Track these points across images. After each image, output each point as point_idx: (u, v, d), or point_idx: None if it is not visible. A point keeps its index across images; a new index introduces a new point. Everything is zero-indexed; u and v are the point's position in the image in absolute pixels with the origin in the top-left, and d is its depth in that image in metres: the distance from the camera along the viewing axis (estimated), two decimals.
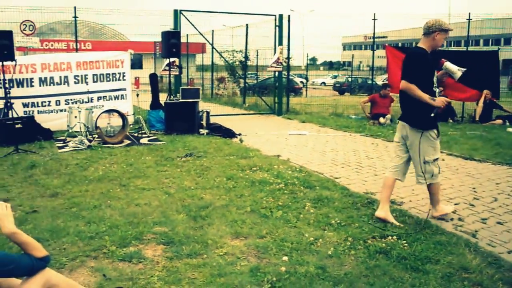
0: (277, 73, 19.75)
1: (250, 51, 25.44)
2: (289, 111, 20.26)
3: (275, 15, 19.10)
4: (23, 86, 13.32)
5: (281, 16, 19.01)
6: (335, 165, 9.88)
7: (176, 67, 16.33)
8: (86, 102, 13.96)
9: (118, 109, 12.62)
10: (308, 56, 39.05)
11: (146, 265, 4.83)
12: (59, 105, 13.85)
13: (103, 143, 11.63)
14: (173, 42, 14.10)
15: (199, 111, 14.17)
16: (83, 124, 11.94)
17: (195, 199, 7.07)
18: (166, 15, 17.36)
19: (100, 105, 13.99)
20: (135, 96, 14.53)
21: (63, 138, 12.26)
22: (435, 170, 6.18)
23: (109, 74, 14.60)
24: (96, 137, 12.05)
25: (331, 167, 9.63)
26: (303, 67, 48.51)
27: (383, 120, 16.15)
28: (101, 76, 14.47)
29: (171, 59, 15.37)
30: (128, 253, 5.06)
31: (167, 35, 14.21)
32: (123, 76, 14.91)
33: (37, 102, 13.57)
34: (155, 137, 12.87)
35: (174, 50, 14.14)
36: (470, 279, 4.54)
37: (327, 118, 18.49)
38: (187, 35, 22.95)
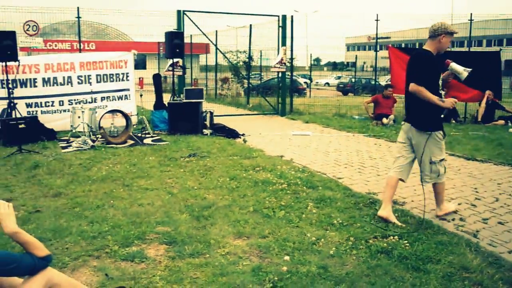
0: (280, 73, 19.77)
1: (253, 52, 25.48)
2: (292, 111, 20.28)
3: (279, 16, 19.12)
4: (26, 86, 13.35)
5: (284, 16, 19.02)
6: (338, 165, 9.89)
7: (179, 68, 16.34)
8: (89, 102, 13.97)
9: (121, 110, 12.63)
10: (311, 56, 39.06)
11: (148, 264, 4.84)
12: (63, 105, 13.89)
13: (107, 143, 11.66)
14: (176, 42, 14.12)
15: (203, 111, 14.19)
16: (86, 124, 11.95)
17: (198, 199, 7.09)
18: (169, 16, 17.42)
19: (103, 106, 13.97)
20: (139, 96, 14.56)
21: (66, 138, 12.28)
22: (441, 170, 6.26)
23: (112, 74, 14.63)
24: (99, 137, 12.07)
25: (334, 168, 9.64)
26: (306, 68, 48.51)
27: (386, 120, 16.16)
28: (105, 76, 14.49)
29: (174, 60, 15.38)
30: (130, 253, 5.07)
31: (171, 36, 14.23)
32: (127, 76, 14.93)
33: (41, 102, 13.60)
34: (159, 137, 12.89)
35: (177, 50, 14.15)
36: (470, 278, 4.54)
37: (330, 118, 18.51)
38: (190, 35, 22.99)
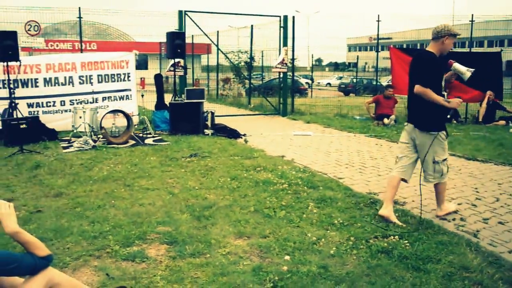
0: (282, 74, 19.79)
1: (255, 52, 25.50)
2: (294, 111, 20.31)
3: (280, 16, 19.14)
4: (27, 86, 13.36)
5: (285, 17, 19.04)
6: (339, 165, 9.90)
7: (181, 68, 16.35)
8: (91, 102, 13.98)
9: (123, 110, 12.64)
10: (313, 57, 39.10)
11: (149, 264, 4.85)
12: (64, 105, 13.89)
13: (108, 143, 11.67)
14: (177, 42, 14.13)
15: (204, 111, 14.21)
16: (88, 124, 11.97)
17: (199, 199, 7.09)
18: (171, 16, 17.43)
19: (105, 106, 13.99)
20: (140, 96, 14.57)
21: (68, 138, 12.29)
22: (444, 169, 6.32)
23: (114, 74, 14.63)
24: (101, 137, 12.09)
25: (335, 168, 9.65)
26: (308, 68, 48.50)
27: (387, 121, 16.18)
28: (106, 76, 14.50)
29: (176, 60, 15.39)
30: (131, 253, 5.08)
31: (172, 36, 14.23)
32: (128, 76, 14.93)
33: (42, 102, 13.61)
34: (160, 138, 12.91)
35: (178, 50, 14.17)
36: (470, 278, 4.55)
37: (331, 118, 18.53)
38: (192, 35, 22.98)
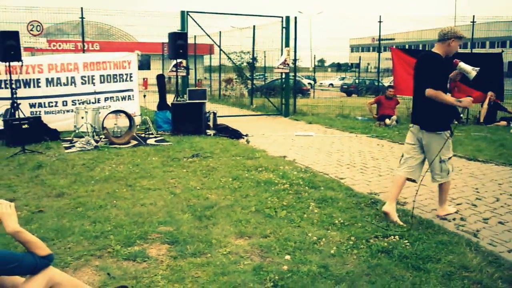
0: (284, 74, 19.80)
1: (257, 53, 25.49)
2: (296, 112, 20.31)
3: (282, 17, 19.16)
4: (30, 86, 13.39)
5: (288, 18, 19.07)
6: (340, 165, 9.91)
7: (183, 68, 16.36)
8: (93, 102, 14.01)
9: (125, 110, 12.67)
10: (315, 57, 39.12)
11: (150, 264, 4.86)
12: (66, 105, 13.91)
13: (110, 143, 11.68)
14: (180, 43, 14.14)
15: (206, 112, 14.22)
16: (90, 124, 12.00)
17: (200, 199, 7.11)
18: (173, 17, 17.44)
19: (107, 106, 14.05)
20: (142, 97, 14.60)
21: (70, 138, 12.33)
22: (450, 168, 6.40)
23: (116, 75, 14.65)
24: (103, 137, 12.10)
25: (337, 168, 9.66)
26: (310, 69, 48.52)
27: (388, 121, 16.19)
28: (108, 77, 14.51)
29: (178, 60, 15.40)
30: (132, 252, 5.09)
31: (174, 36, 14.24)
32: (130, 77, 14.94)
33: (44, 102, 13.64)
34: (162, 138, 12.92)
35: (181, 51, 14.16)
36: (470, 277, 4.56)
37: (333, 119, 18.55)
38: (194, 36, 22.99)
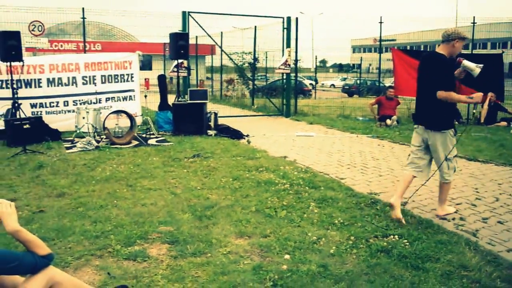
0: (285, 75, 19.82)
1: (259, 53, 25.50)
2: (297, 112, 20.33)
3: (283, 18, 19.17)
4: (31, 86, 13.40)
5: (289, 18, 19.08)
6: (341, 166, 9.92)
7: (184, 69, 16.38)
8: (94, 103, 14.04)
9: (126, 110, 12.68)
10: (317, 58, 39.09)
11: (150, 263, 4.88)
12: (67, 105, 13.93)
13: (111, 143, 11.70)
14: (181, 43, 14.16)
15: (207, 112, 14.24)
16: (91, 124, 12.02)
17: (201, 199, 7.13)
18: (175, 17, 17.47)
19: (108, 106, 14.06)
20: (143, 97, 14.62)
21: (71, 138, 12.34)
22: (455, 166, 6.50)
23: (117, 75, 14.66)
24: (104, 137, 12.11)
25: (337, 168, 9.67)
26: (312, 69, 48.49)
27: (389, 121, 16.21)
28: (109, 77, 14.53)
29: (179, 61, 15.41)
30: (133, 252, 5.11)
31: (175, 37, 14.26)
32: (131, 77, 14.95)
33: (45, 102, 13.66)
34: (163, 138, 12.94)
35: (182, 51, 14.19)
36: (469, 277, 4.58)
37: (334, 119, 18.58)
38: (196, 36, 22.98)
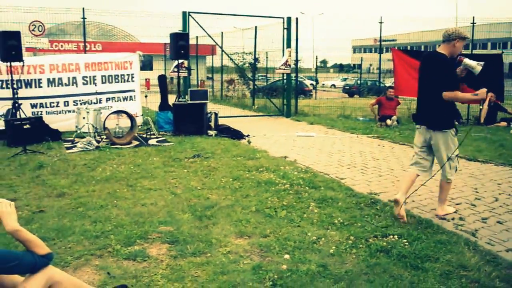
0: (285, 75, 19.83)
1: (259, 53, 25.50)
2: (297, 113, 20.34)
3: (283, 18, 19.19)
4: (31, 86, 13.40)
5: (289, 18, 19.10)
6: (341, 166, 9.92)
7: (184, 69, 16.39)
8: (94, 103, 14.04)
9: (126, 110, 12.69)
10: (317, 58, 39.08)
11: (150, 263, 4.88)
12: (68, 106, 13.93)
13: (112, 144, 11.71)
14: (181, 44, 14.16)
15: (208, 112, 14.24)
16: (91, 125, 12.03)
17: (201, 199, 7.13)
18: (175, 17, 17.48)
19: (108, 106, 14.07)
20: (144, 97, 14.62)
21: (71, 139, 12.35)
22: (457, 165, 6.55)
23: (117, 75, 14.66)
24: (104, 138, 12.12)
25: (337, 168, 9.68)
26: (313, 70, 48.50)
27: (389, 122, 16.23)
28: (110, 77, 14.52)
29: (179, 61, 15.42)
30: (132, 252, 5.11)
31: (175, 37, 14.26)
32: (132, 77, 14.94)
33: (46, 103, 13.66)
34: (164, 138, 12.95)
35: (182, 51, 14.19)
36: (468, 276, 4.58)
37: (335, 120, 18.60)
38: (196, 37, 23.00)
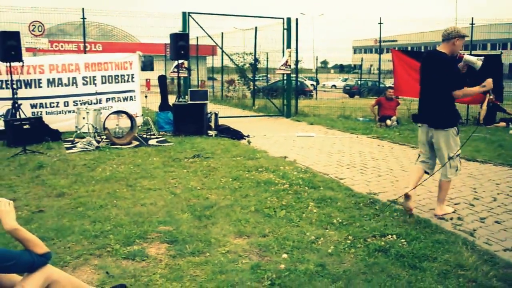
0: (285, 75, 19.85)
1: (260, 54, 25.51)
2: (297, 113, 20.36)
3: (283, 18, 19.20)
4: (31, 87, 13.40)
5: (289, 19, 19.12)
6: (340, 166, 9.93)
7: (184, 69, 16.40)
8: (94, 103, 14.05)
9: (126, 111, 12.70)
10: (318, 59, 39.06)
11: (149, 263, 4.90)
12: (68, 106, 13.93)
13: (111, 144, 11.73)
14: (181, 44, 14.16)
15: (208, 112, 14.26)
16: (91, 125, 12.03)
17: (200, 199, 7.14)
18: (175, 18, 17.49)
19: (108, 107, 14.08)
20: (144, 97, 14.64)
21: (71, 139, 12.37)
22: (458, 164, 6.56)
23: (117, 75, 14.66)
24: (104, 138, 12.15)
25: (337, 168, 9.69)
26: (313, 70, 48.54)
27: (389, 122, 16.25)
28: (110, 77, 14.52)
29: (179, 61, 15.43)
30: (131, 252, 5.13)
31: (175, 37, 14.26)
32: (132, 77, 14.95)
33: (45, 103, 13.65)
34: (164, 139, 12.97)
35: (182, 52, 14.19)
36: (465, 276, 4.59)
37: (335, 120, 18.62)
38: (197, 37, 23.02)
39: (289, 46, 19.09)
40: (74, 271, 4.67)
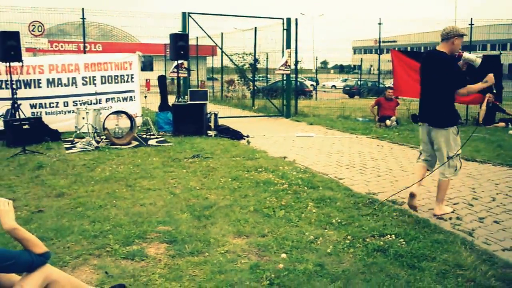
0: (285, 76, 19.85)
1: (260, 54, 25.51)
2: (297, 113, 20.36)
3: (283, 19, 19.21)
4: (30, 87, 13.40)
5: (288, 19, 19.13)
6: (339, 166, 9.94)
7: (184, 69, 16.41)
8: (94, 103, 14.04)
9: (126, 111, 12.71)
10: (318, 59, 39.10)
11: (148, 262, 4.90)
12: (67, 106, 13.92)
13: (111, 144, 11.73)
14: (181, 44, 14.16)
15: (207, 113, 14.26)
16: (91, 125, 12.03)
17: (199, 199, 7.15)
18: (175, 18, 17.50)
19: (108, 107, 14.08)
20: (143, 97, 14.64)
21: (71, 139, 12.38)
22: (458, 164, 6.58)
23: (117, 75, 14.65)
24: (104, 138, 12.15)
25: (336, 168, 9.70)
26: (313, 71, 48.55)
27: (389, 122, 16.25)
28: (109, 77, 14.52)
29: (179, 61, 15.44)
30: (131, 251, 5.13)
31: (175, 38, 14.27)
32: (132, 78, 14.94)
33: (45, 103, 13.65)
34: (163, 139, 12.97)
35: (182, 52, 14.19)
36: (464, 275, 4.60)
37: (334, 120, 18.62)
38: (196, 37, 23.02)
39: (288, 46, 19.10)
40: (73, 271, 4.68)
